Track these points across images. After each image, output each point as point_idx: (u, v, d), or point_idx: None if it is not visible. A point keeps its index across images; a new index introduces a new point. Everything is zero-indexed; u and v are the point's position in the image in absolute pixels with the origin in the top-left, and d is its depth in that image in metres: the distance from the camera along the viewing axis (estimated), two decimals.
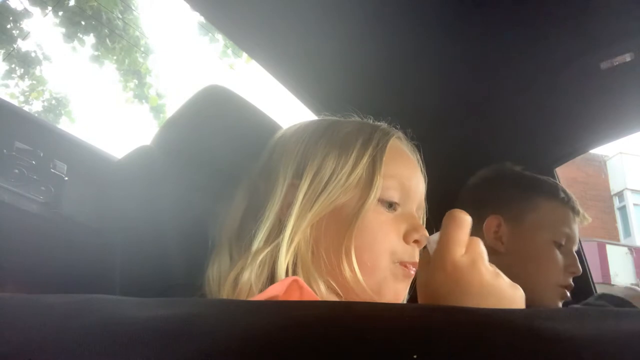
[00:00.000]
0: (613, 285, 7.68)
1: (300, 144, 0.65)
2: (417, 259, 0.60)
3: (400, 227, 0.61)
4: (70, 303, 0.27)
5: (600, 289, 1.37)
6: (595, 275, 0.94)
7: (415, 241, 0.60)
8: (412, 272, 0.60)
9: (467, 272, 0.44)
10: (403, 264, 0.60)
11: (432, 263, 0.47)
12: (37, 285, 0.78)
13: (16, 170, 0.71)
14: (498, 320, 0.25)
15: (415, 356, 0.20)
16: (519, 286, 0.46)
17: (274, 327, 0.24)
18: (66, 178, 0.78)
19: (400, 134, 0.70)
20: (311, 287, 0.53)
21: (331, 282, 0.57)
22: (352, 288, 0.57)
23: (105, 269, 0.73)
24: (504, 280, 0.45)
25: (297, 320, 0.25)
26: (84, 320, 0.25)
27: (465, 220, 0.47)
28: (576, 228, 1.03)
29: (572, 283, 0.99)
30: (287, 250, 0.57)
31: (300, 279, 0.49)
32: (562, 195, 1.04)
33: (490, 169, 1.12)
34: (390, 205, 0.62)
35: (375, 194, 0.59)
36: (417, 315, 0.26)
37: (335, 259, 0.58)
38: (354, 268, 0.57)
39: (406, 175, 0.64)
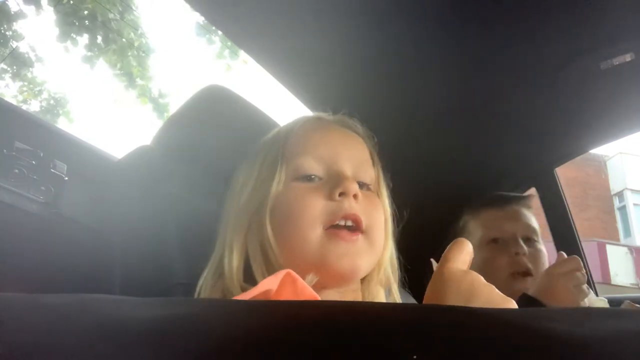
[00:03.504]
0: (613, 285, 7.68)
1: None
2: (349, 210, 0.59)
3: (324, 191, 0.60)
4: (70, 303, 0.27)
5: (600, 289, 1.38)
6: (595, 275, 0.93)
7: (341, 194, 0.59)
8: (347, 234, 0.58)
9: (460, 277, 0.47)
10: (334, 227, 0.58)
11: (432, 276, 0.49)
12: (37, 285, 0.78)
13: (16, 170, 0.71)
14: (498, 320, 0.25)
15: (415, 356, 0.20)
16: (512, 300, 0.48)
17: (274, 328, 0.24)
18: (66, 178, 0.78)
19: (320, 114, 0.72)
20: None
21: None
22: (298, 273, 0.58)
23: (105, 269, 0.73)
24: (496, 290, 0.48)
25: (298, 320, 0.25)
26: (84, 320, 0.25)
27: (467, 245, 0.50)
28: (513, 216, 1.07)
29: (529, 266, 1.01)
30: (231, 270, 0.59)
31: (293, 272, 0.49)
32: (484, 203, 1.12)
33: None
34: (310, 179, 0.62)
35: (279, 178, 0.61)
36: (417, 315, 0.26)
37: (271, 256, 0.59)
38: (276, 256, 0.58)
39: (322, 146, 0.64)
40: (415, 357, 0.20)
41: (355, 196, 0.60)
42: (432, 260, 0.54)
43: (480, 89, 1.09)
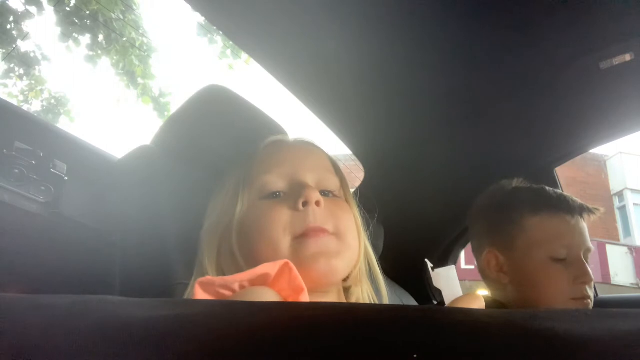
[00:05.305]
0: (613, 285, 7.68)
1: None
2: (312, 223, 0.60)
3: (288, 202, 0.62)
4: (70, 303, 0.27)
5: (600, 289, 1.38)
6: (595, 275, 0.90)
7: (304, 204, 0.60)
8: (313, 232, 0.59)
9: None
10: (300, 235, 0.59)
11: None
12: (37, 285, 0.78)
13: (16, 170, 0.71)
14: (498, 320, 0.25)
15: (415, 356, 0.20)
16: None
17: (275, 328, 0.24)
18: (66, 178, 0.78)
19: (280, 137, 0.74)
20: None
21: None
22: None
23: (105, 269, 0.73)
24: None
25: (298, 321, 0.25)
26: (83, 320, 0.25)
27: (479, 299, 0.51)
28: (578, 231, 0.93)
29: (589, 293, 0.89)
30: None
31: (290, 262, 0.51)
32: (549, 204, 0.95)
33: (481, 196, 1.05)
34: (275, 196, 0.64)
35: (242, 200, 0.64)
36: (417, 315, 0.26)
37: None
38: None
39: (284, 164, 0.66)
40: (415, 356, 0.20)
41: (317, 203, 0.61)
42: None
43: (480, 89, 1.09)
